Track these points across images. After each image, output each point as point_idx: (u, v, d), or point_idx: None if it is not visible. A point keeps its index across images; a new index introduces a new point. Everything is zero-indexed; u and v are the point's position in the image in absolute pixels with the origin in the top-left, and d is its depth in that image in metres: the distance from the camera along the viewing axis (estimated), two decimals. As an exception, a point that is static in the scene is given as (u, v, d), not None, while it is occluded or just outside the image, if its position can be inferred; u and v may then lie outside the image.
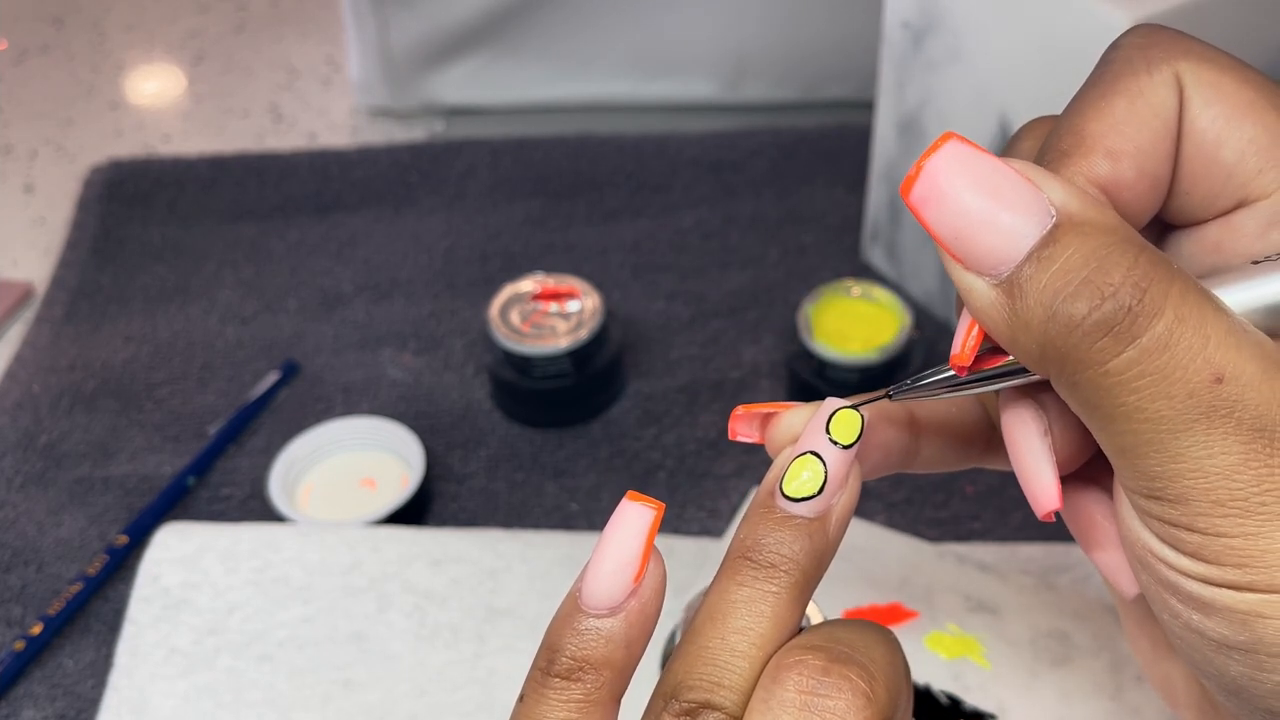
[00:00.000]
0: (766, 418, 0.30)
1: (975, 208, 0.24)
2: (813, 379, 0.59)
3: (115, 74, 0.89)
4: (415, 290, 0.69)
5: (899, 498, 0.57)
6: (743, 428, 0.30)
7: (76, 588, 0.54)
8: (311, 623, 0.50)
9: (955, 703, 0.46)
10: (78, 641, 0.53)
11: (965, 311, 0.26)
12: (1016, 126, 0.55)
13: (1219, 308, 0.24)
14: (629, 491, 0.27)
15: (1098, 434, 0.25)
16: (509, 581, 0.52)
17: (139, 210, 0.75)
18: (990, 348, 0.27)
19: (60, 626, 0.53)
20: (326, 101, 0.86)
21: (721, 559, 0.29)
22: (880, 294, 0.61)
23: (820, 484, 0.27)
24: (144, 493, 0.59)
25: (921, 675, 0.47)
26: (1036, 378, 0.26)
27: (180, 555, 0.52)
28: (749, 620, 0.26)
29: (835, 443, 0.28)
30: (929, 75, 0.59)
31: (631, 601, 0.26)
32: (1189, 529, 0.24)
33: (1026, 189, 0.24)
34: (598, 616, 0.26)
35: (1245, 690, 0.25)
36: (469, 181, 0.76)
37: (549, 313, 0.60)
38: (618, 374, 0.62)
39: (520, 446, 0.61)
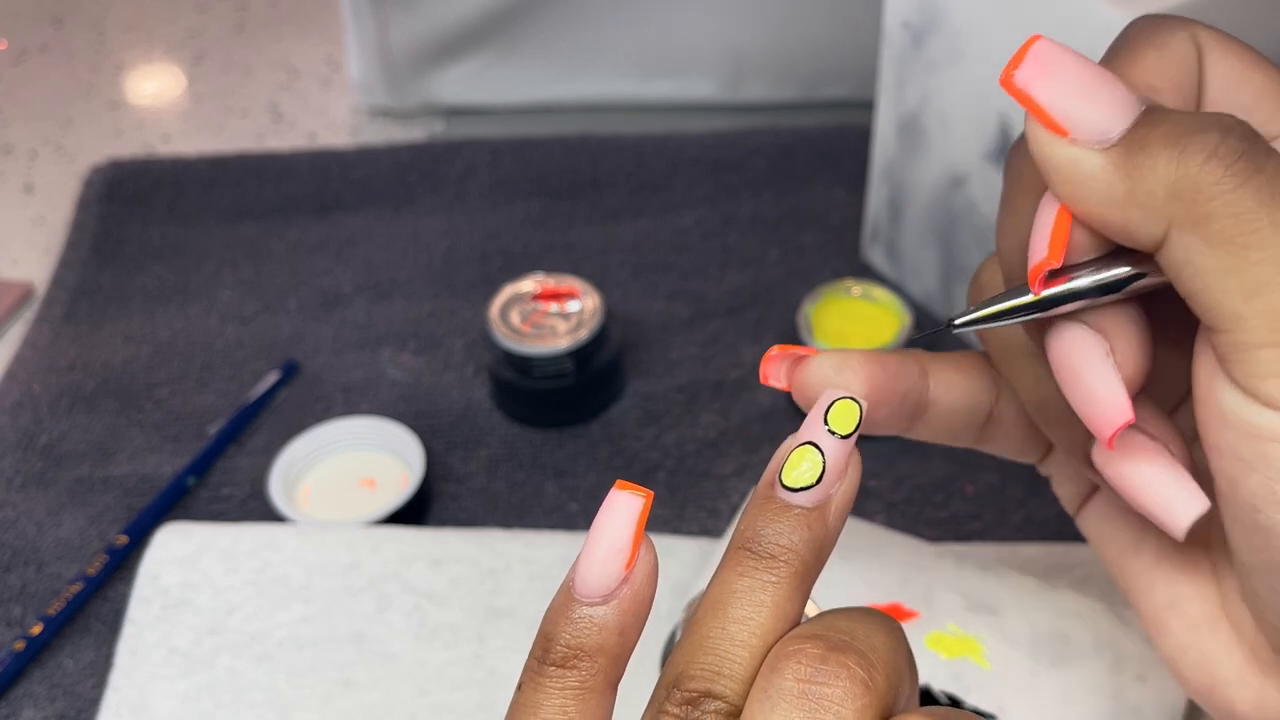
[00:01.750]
0: (797, 360, 0.30)
1: (1087, 74, 0.26)
2: (813, 379, 0.59)
3: (115, 74, 0.89)
4: (415, 290, 0.69)
5: (899, 497, 0.57)
6: (773, 370, 0.31)
7: (76, 588, 0.54)
8: (311, 623, 0.50)
9: (955, 703, 0.46)
10: (77, 641, 0.53)
11: (1045, 210, 0.27)
12: (1017, 127, 0.56)
13: None
14: (617, 480, 0.28)
15: (1223, 279, 0.25)
16: (509, 581, 0.52)
17: (139, 210, 0.75)
18: (1053, 272, 0.27)
19: (60, 626, 0.53)
20: (326, 101, 0.86)
21: (721, 556, 0.29)
22: (880, 294, 0.61)
23: (819, 473, 0.27)
24: (144, 493, 0.59)
25: (922, 675, 0.47)
26: (1105, 299, 0.27)
27: (180, 555, 0.52)
28: (749, 610, 0.26)
29: (833, 433, 0.28)
30: (929, 75, 0.59)
31: (624, 589, 0.27)
32: None
33: (1116, 83, 0.26)
34: (591, 605, 0.26)
35: None
36: (469, 181, 0.76)
37: (549, 313, 0.60)
38: (618, 374, 0.62)
39: (520, 446, 0.61)
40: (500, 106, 0.83)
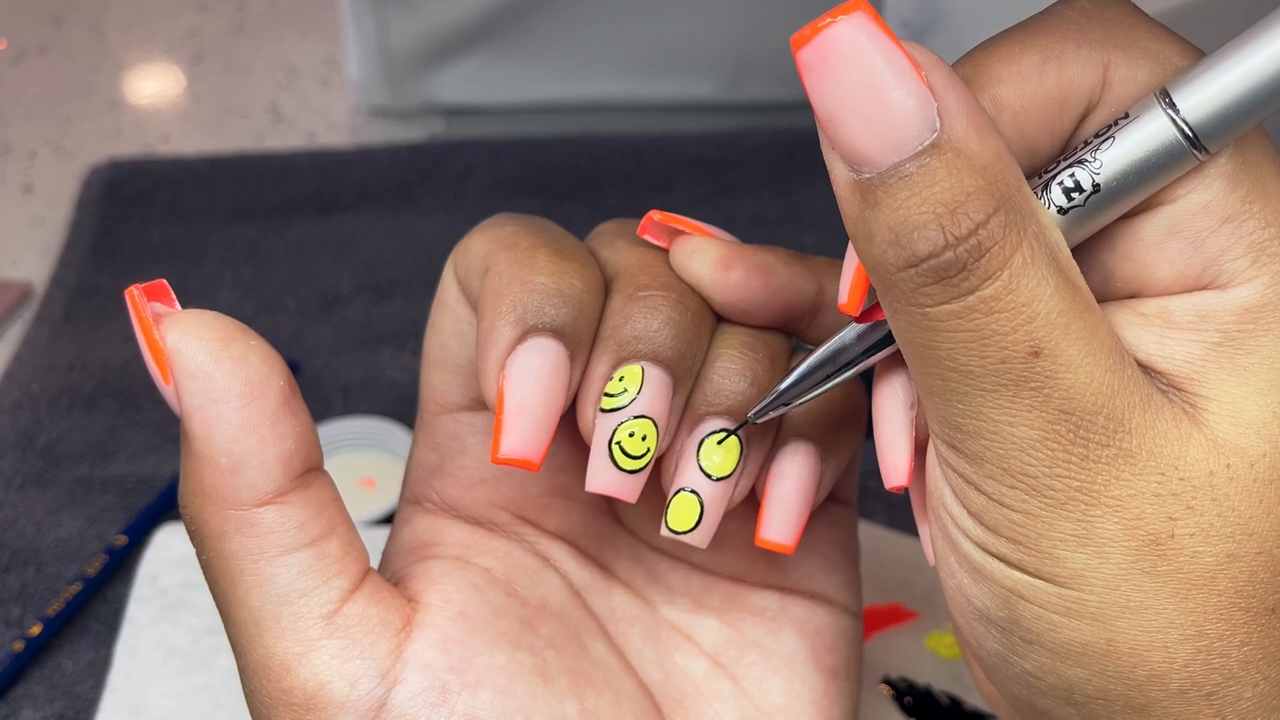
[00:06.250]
0: (676, 233, 0.29)
1: (859, 97, 0.21)
2: (813, 379, 0.59)
3: (114, 73, 0.89)
4: (414, 290, 0.69)
5: (899, 499, 0.57)
6: (653, 232, 0.30)
7: (75, 588, 0.54)
8: (311, 623, 0.50)
9: (956, 703, 0.46)
10: (76, 642, 0.53)
11: (852, 253, 0.25)
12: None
13: (1063, 281, 0.22)
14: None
15: (910, 367, 0.24)
16: (508, 582, 0.52)
17: (138, 210, 0.75)
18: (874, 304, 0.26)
19: (59, 627, 0.53)
20: (326, 101, 0.86)
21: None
22: (880, 294, 0.61)
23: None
24: (143, 493, 0.59)
25: (922, 675, 0.47)
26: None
27: (179, 555, 0.52)
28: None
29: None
30: (929, 74, 0.59)
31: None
32: (978, 489, 0.23)
33: (921, 94, 0.22)
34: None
35: (997, 670, 0.25)
36: (468, 181, 0.76)
37: (548, 312, 0.60)
38: (617, 374, 0.62)
39: (520, 446, 0.60)
40: (500, 106, 0.83)
